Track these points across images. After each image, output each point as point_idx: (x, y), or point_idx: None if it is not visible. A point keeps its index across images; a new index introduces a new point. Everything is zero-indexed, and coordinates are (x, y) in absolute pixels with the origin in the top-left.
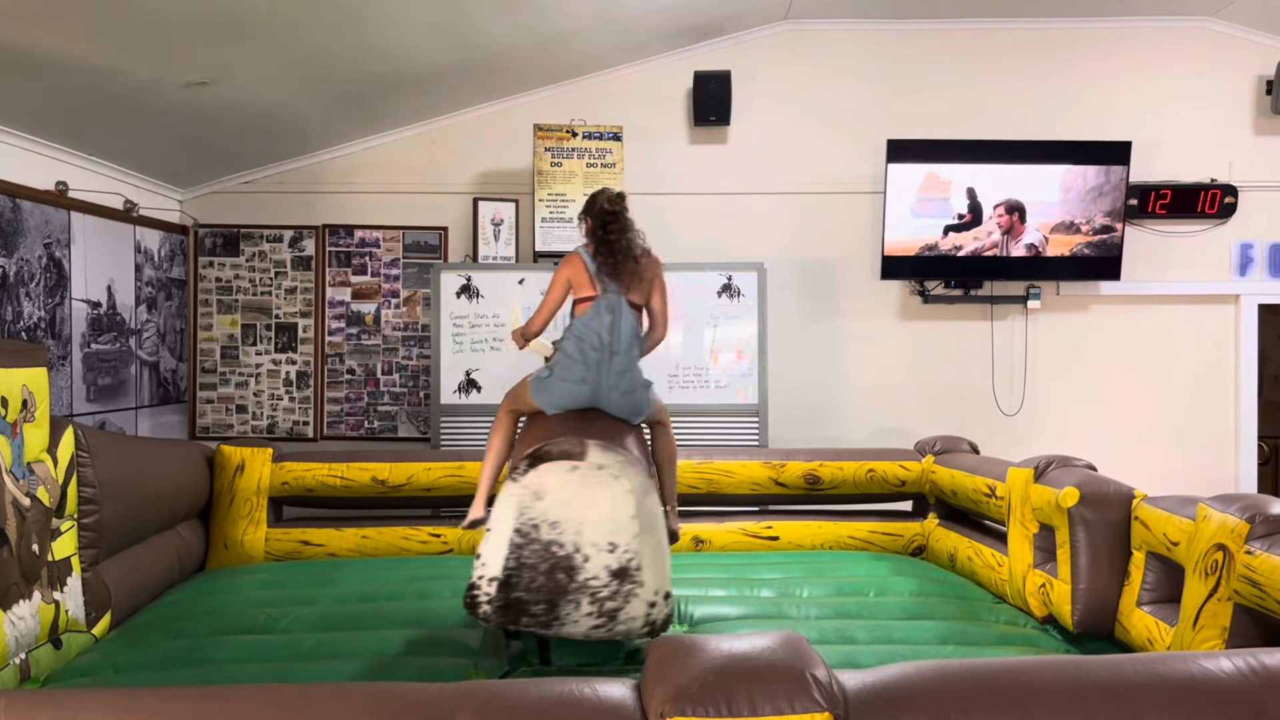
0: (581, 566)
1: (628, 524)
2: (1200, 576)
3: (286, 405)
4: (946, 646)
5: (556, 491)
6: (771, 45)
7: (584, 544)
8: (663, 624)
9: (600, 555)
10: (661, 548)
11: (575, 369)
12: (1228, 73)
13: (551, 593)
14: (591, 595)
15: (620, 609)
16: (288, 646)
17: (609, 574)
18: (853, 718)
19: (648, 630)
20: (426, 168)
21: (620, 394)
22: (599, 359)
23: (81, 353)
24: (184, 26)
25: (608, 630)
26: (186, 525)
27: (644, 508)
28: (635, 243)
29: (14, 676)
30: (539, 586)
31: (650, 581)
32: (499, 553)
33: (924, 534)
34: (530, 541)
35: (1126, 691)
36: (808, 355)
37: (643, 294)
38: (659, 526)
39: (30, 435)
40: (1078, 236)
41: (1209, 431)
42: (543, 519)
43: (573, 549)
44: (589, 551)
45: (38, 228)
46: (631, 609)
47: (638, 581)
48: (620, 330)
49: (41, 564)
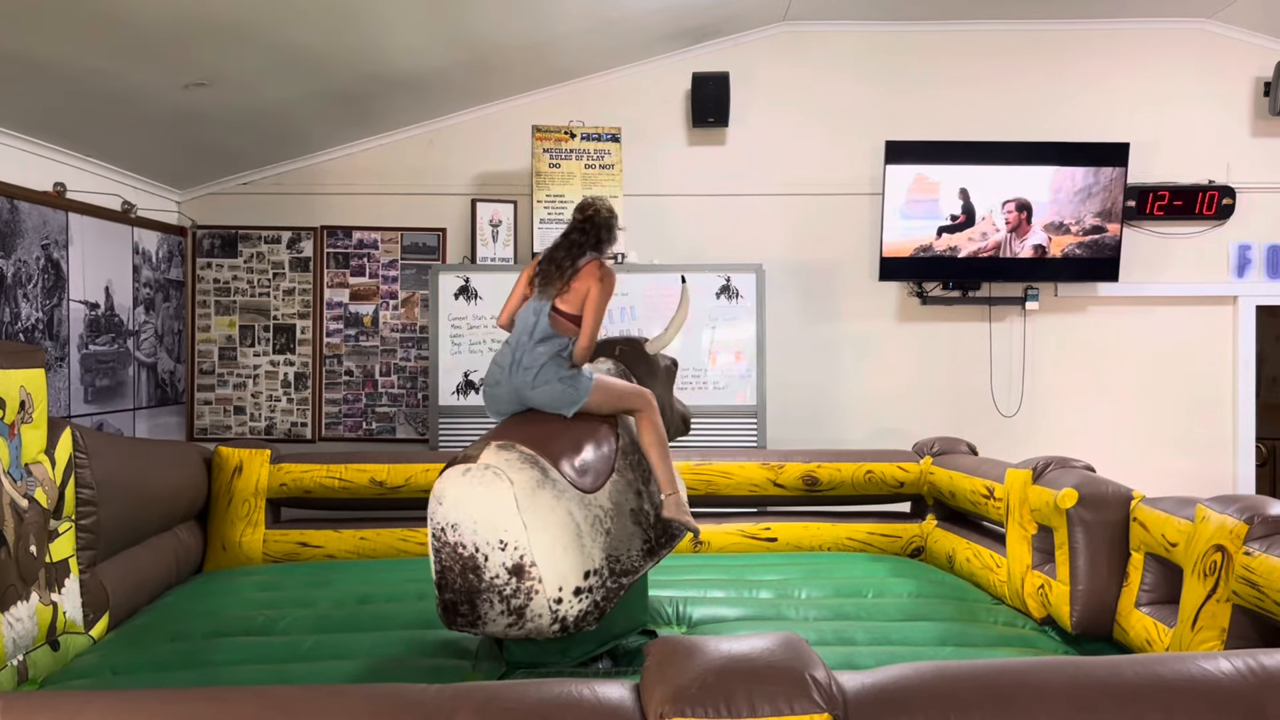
0: (484, 565)
1: (511, 520)
2: (1199, 577)
3: (285, 406)
4: (945, 648)
5: (450, 494)
6: (770, 46)
7: (480, 543)
8: (578, 621)
9: (495, 553)
10: (567, 544)
11: (494, 372)
12: (1226, 74)
13: (469, 593)
14: (499, 593)
15: (525, 606)
16: (286, 648)
17: (506, 572)
18: (852, 719)
19: (558, 628)
20: (425, 169)
21: (532, 390)
22: (510, 360)
23: (79, 354)
24: (182, 28)
25: (519, 629)
26: (184, 527)
27: (532, 505)
28: (574, 252)
29: (12, 678)
30: (460, 588)
31: (550, 579)
32: (431, 558)
33: (922, 535)
34: (443, 545)
35: (1125, 692)
36: (806, 356)
37: (573, 303)
38: (561, 523)
39: (28, 436)
40: (1068, 237)
41: (1207, 433)
42: (445, 522)
43: (473, 549)
44: (486, 550)
45: (35, 229)
46: (535, 606)
47: (534, 578)
48: (534, 331)
49: (39, 565)
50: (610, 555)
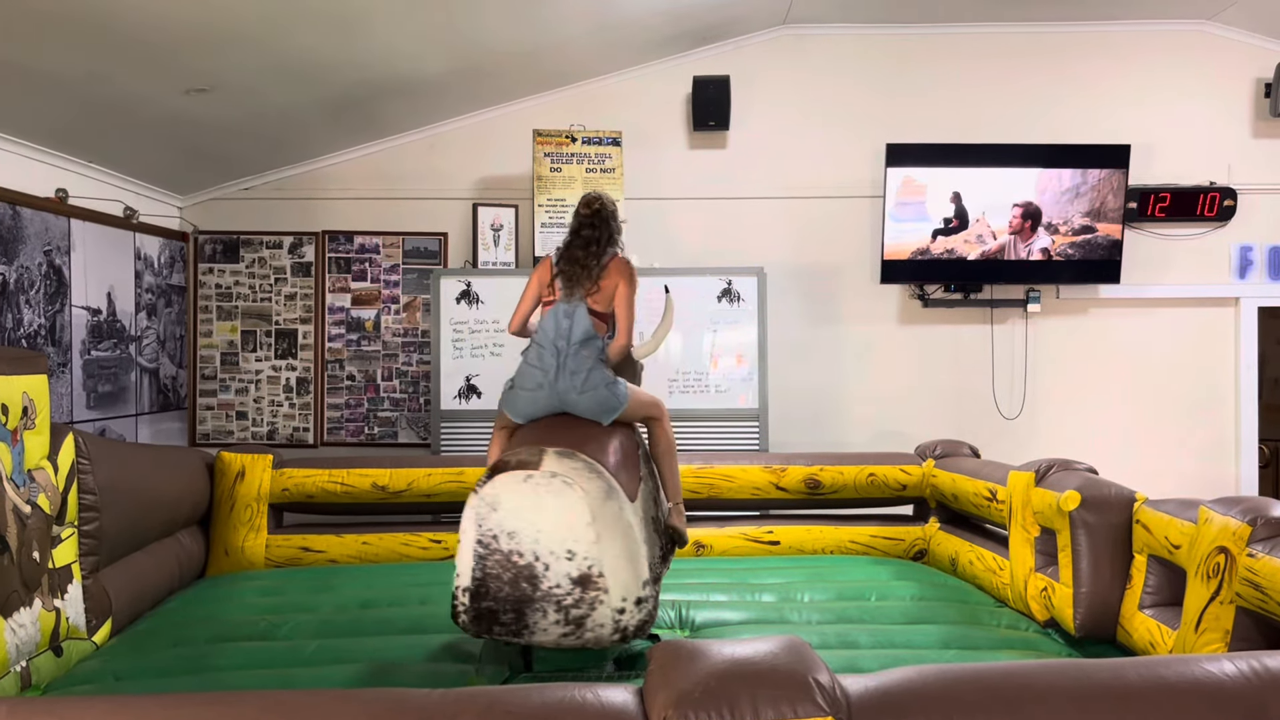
0: (543, 575)
1: (584, 531)
2: (1202, 579)
3: (287, 411)
4: (948, 651)
5: (510, 501)
6: (770, 50)
7: (542, 552)
8: (636, 630)
9: (560, 563)
10: (630, 554)
11: (533, 375)
12: (1226, 76)
13: (518, 602)
14: (556, 603)
15: (586, 616)
16: (289, 653)
17: (570, 582)
18: None
19: (619, 637)
20: (426, 173)
21: (578, 394)
22: (554, 364)
23: (81, 360)
24: (184, 34)
25: (576, 638)
26: (187, 532)
27: (602, 515)
28: (594, 250)
29: (15, 684)
30: (505, 596)
31: (615, 588)
32: (467, 564)
33: (925, 538)
34: (492, 552)
35: (1129, 695)
36: (808, 359)
37: (603, 301)
38: (625, 534)
39: (31, 442)
40: (1057, 237)
41: (1209, 434)
42: (500, 529)
43: (532, 558)
44: (548, 560)
45: (38, 235)
46: (598, 616)
47: (601, 589)
48: (573, 334)
49: (42, 571)
50: (650, 563)
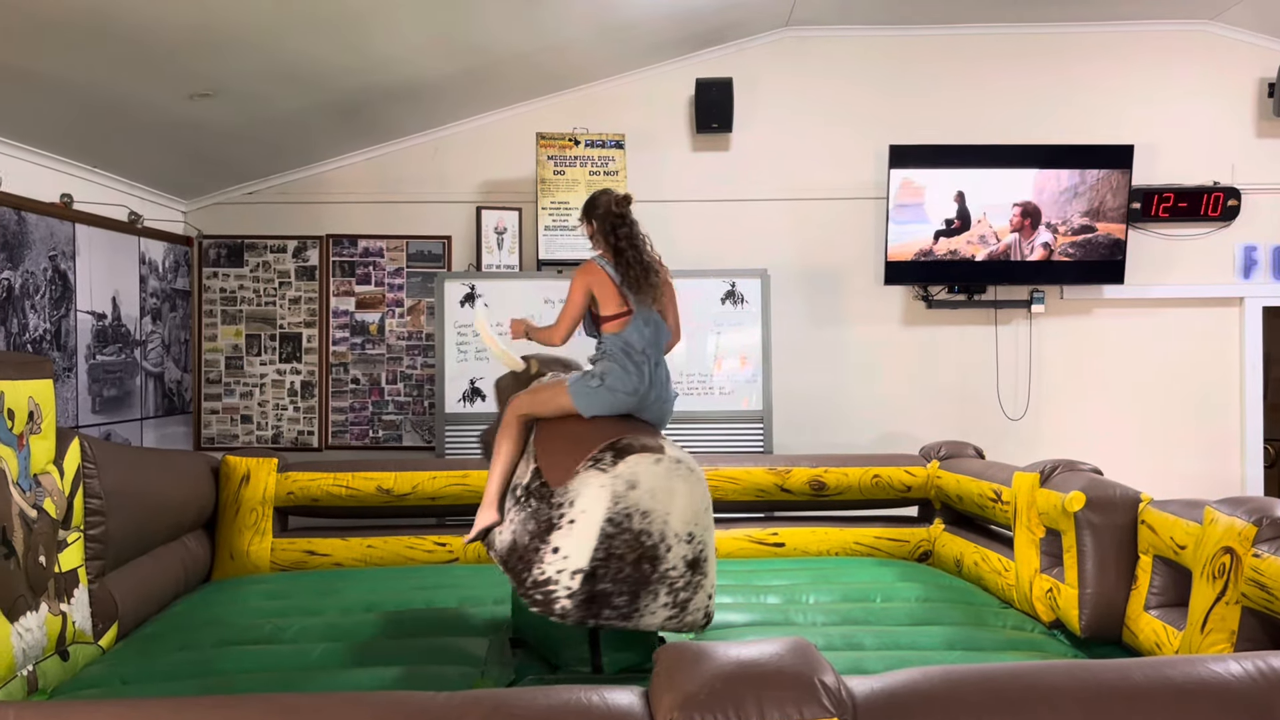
0: (664, 557)
1: (704, 516)
2: (1208, 580)
3: (291, 415)
4: (953, 652)
5: (647, 482)
6: (773, 52)
7: (669, 534)
8: (709, 617)
9: (680, 546)
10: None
11: (629, 380)
12: (1229, 76)
13: (635, 583)
14: (669, 585)
15: (690, 599)
16: (294, 656)
17: (685, 564)
18: None
19: (705, 620)
20: (430, 177)
21: (664, 403)
22: (650, 372)
23: (87, 364)
24: (187, 40)
25: (678, 621)
26: (192, 536)
27: (709, 502)
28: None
29: (21, 688)
30: (625, 577)
31: (711, 573)
32: (586, 544)
33: (930, 539)
34: (622, 531)
35: (1135, 695)
36: (812, 361)
37: (663, 304)
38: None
39: (36, 447)
40: (1059, 237)
41: (1214, 434)
42: (635, 509)
43: (659, 539)
44: (671, 542)
45: (43, 240)
46: (698, 600)
47: (704, 573)
48: (660, 342)
49: (48, 576)
50: None
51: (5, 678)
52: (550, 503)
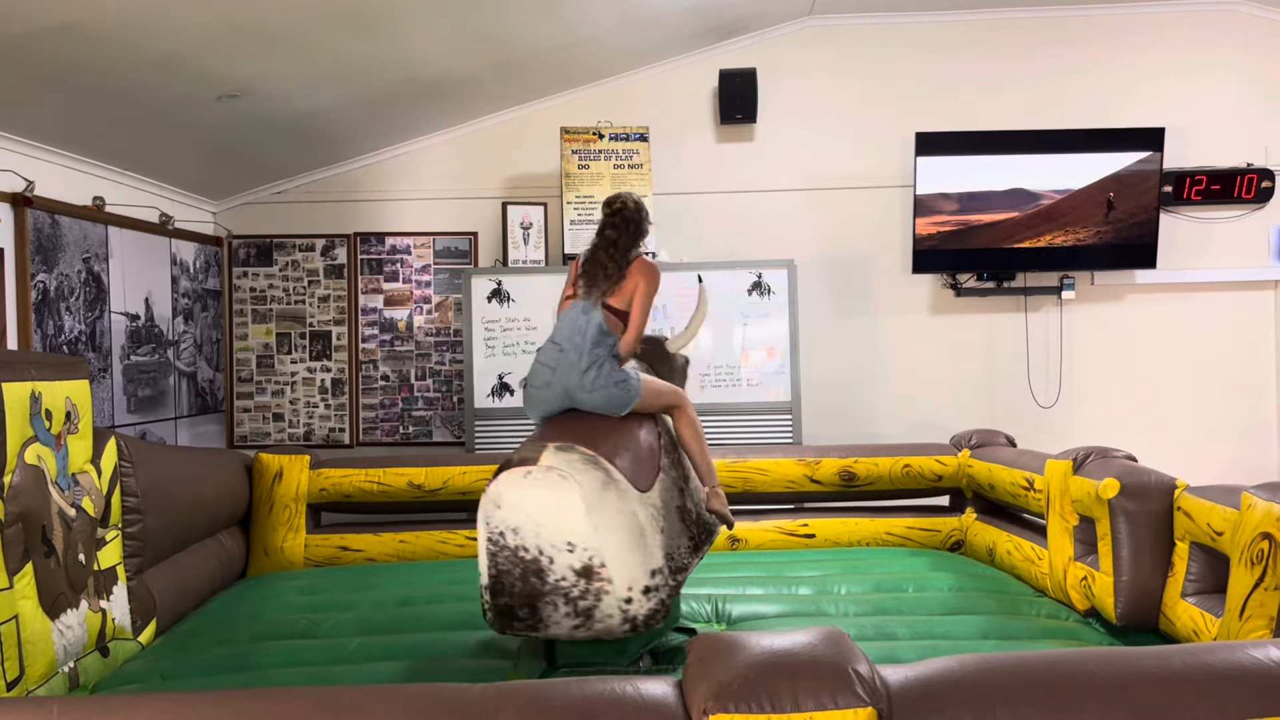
0: (549, 568)
1: (580, 522)
2: (1246, 566)
3: (322, 413)
4: (988, 641)
5: (510, 497)
6: (796, 41)
7: (545, 546)
8: (647, 620)
9: (562, 555)
10: (635, 544)
11: (541, 374)
12: (1261, 56)
13: (530, 596)
14: (564, 596)
15: (594, 607)
16: (330, 650)
17: (574, 574)
18: (896, 712)
19: (629, 628)
20: (455, 173)
21: (587, 392)
22: (562, 361)
23: (121, 365)
24: (214, 40)
25: (587, 629)
26: (227, 533)
27: (600, 506)
28: (614, 251)
29: (63, 684)
30: (518, 591)
31: (620, 579)
32: (482, 563)
33: (962, 529)
34: (501, 549)
35: (1174, 682)
36: (840, 352)
37: (622, 300)
38: (628, 524)
39: (74, 447)
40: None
41: (1250, 419)
42: (504, 526)
43: (537, 552)
44: (551, 553)
45: (76, 243)
46: (605, 607)
47: (604, 579)
48: (588, 332)
49: (88, 573)
50: (668, 553)
51: (47, 674)
52: None
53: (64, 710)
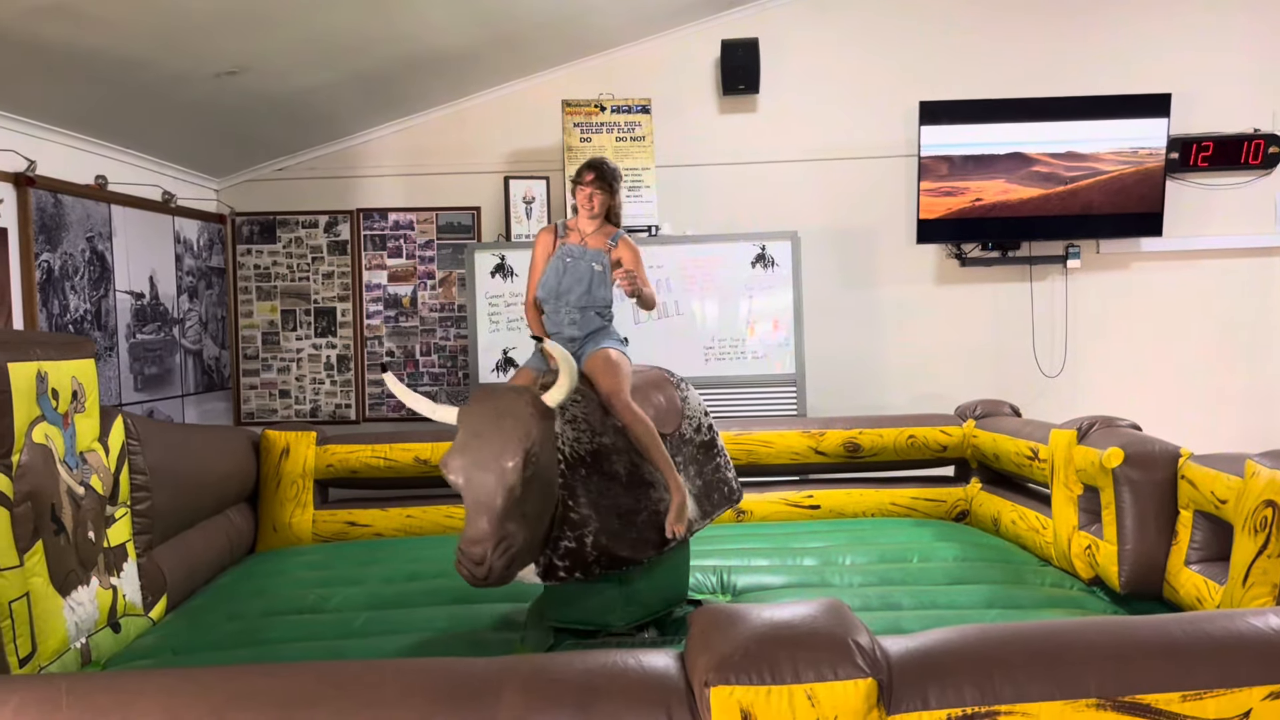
0: None
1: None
2: (1249, 534)
3: (328, 389)
4: (992, 610)
5: None
6: (799, 10)
7: None
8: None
9: None
10: None
11: None
12: (1268, 21)
13: None
14: None
15: None
16: (338, 625)
17: None
18: (896, 682)
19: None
20: (457, 148)
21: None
22: None
23: (127, 343)
24: (212, 17)
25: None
26: (235, 509)
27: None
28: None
29: (75, 660)
30: None
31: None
32: None
33: (967, 499)
34: None
35: (1174, 650)
36: (845, 323)
37: None
38: None
39: (81, 425)
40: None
41: (1255, 387)
42: None
43: None
44: None
45: (79, 222)
46: None
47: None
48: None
49: (98, 551)
50: None
51: (59, 650)
52: None
53: (72, 688)
